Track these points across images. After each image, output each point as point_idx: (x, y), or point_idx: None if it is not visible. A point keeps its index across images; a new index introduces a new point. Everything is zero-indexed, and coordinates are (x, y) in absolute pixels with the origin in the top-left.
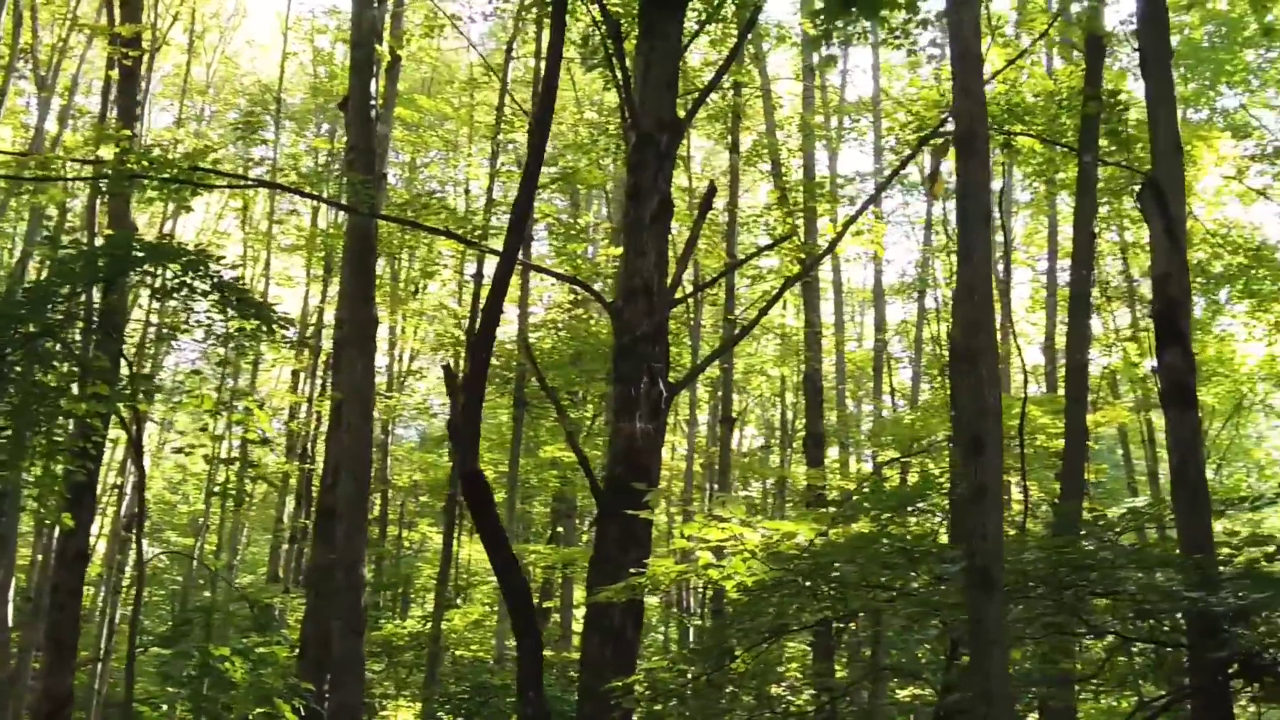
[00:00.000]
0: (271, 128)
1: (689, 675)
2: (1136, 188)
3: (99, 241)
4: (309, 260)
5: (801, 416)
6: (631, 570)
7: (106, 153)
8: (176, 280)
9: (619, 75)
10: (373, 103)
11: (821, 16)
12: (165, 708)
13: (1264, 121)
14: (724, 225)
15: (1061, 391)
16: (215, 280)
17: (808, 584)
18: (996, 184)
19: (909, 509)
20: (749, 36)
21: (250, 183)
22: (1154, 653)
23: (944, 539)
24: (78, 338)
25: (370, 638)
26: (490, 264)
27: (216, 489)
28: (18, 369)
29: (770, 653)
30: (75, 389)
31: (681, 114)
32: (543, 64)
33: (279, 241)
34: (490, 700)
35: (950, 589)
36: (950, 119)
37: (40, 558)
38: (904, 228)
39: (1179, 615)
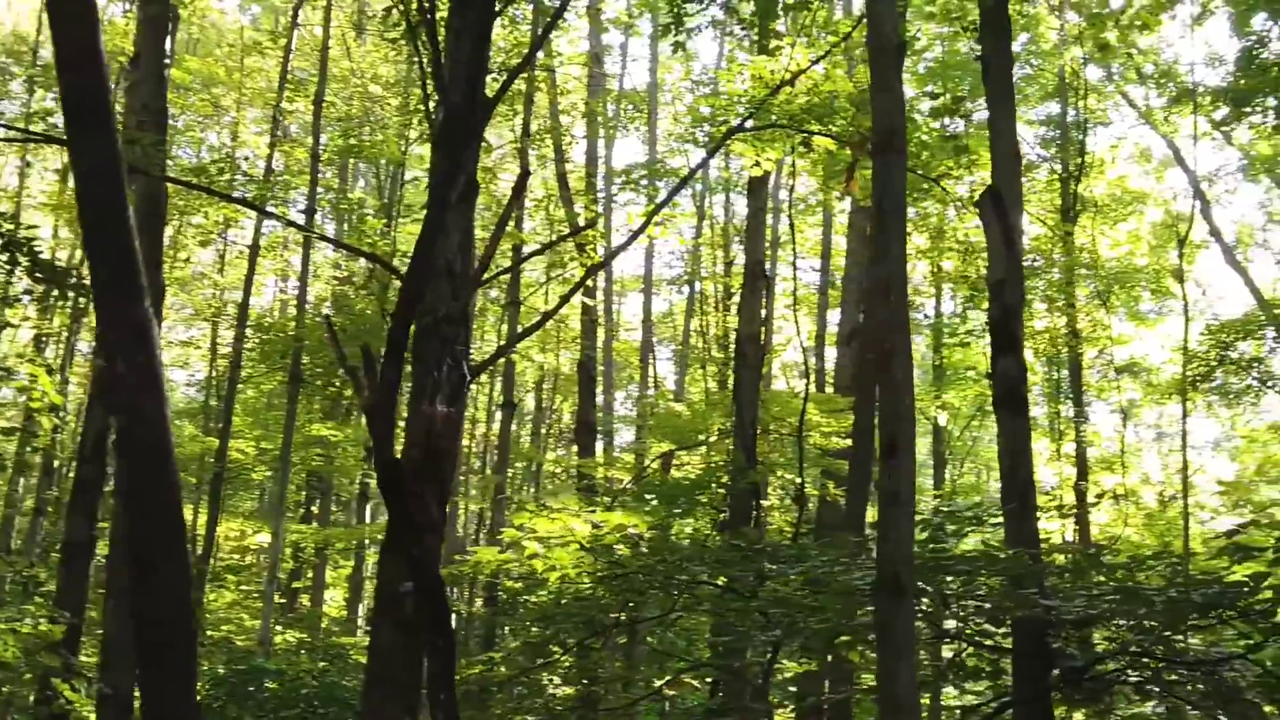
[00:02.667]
0: (23, 79)
1: (506, 670)
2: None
3: None
4: (57, 220)
5: (559, 403)
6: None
7: None
8: None
9: (422, 50)
10: (167, 61)
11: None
12: None
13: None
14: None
15: (831, 390)
16: (5, 239)
17: (643, 578)
18: (775, 184)
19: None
20: (561, 17)
21: (37, 137)
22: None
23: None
24: None
25: None
26: (269, 228)
27: None
28: None
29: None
30: None
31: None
32: (331, 32)
33: (30, 198)
34: (263, 684)
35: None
36: (753, 115)
37: None
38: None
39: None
